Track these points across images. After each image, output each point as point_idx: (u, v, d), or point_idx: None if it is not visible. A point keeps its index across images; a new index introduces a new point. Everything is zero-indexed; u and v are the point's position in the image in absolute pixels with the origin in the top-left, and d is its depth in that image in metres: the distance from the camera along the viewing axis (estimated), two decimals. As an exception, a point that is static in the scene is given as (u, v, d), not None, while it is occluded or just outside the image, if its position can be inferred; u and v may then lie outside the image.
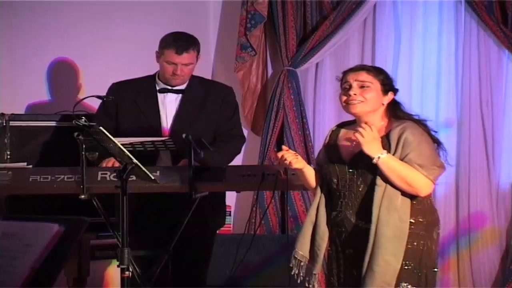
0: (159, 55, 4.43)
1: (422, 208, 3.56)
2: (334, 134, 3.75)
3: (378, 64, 5.73)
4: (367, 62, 5.89)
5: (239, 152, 4.62)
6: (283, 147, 3.75)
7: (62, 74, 5.54)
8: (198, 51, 4.46)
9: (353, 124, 3.70)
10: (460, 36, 5.80)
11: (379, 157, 3.46)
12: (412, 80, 5.84)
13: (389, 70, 5.65)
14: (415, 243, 3.52)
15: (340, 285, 3.63)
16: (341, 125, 3.78)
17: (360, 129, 3.48)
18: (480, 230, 5.76)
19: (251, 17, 6.01)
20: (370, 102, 3.58)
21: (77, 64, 5.56)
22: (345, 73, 3.68)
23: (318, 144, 5.99)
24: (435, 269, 3.61)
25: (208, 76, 5.84)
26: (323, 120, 6.08)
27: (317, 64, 6.08)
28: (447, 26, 5.84)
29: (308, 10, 6.02)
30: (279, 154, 3.66)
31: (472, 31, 5.77)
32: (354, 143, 3.58)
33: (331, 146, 3.71)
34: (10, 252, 2.68)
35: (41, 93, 5.50)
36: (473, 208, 5.77)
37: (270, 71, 6.27)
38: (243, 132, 4.66)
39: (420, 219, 3.54)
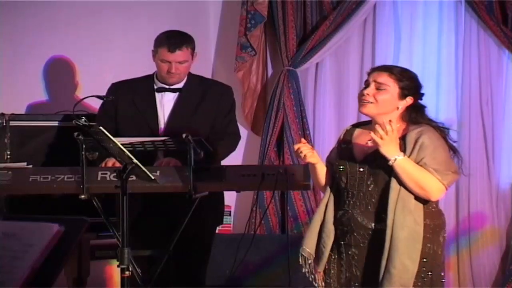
0: (154, 54, 4.44)
1: (429, 211, 3.55)
2: (348, 133, 3.73)
3: (378, 64, 5.73)
4: (367, 62, 5.90)
5: (233, 150, 4.59)
6: (302, 139, 3.71)
7: (59, 72, 5.54)
8: (193, 48, 4.45)
9: (368, 124, 3.67)
10: (460, 36, 5.80)
11: (395, 159, 3.45)
12: (412, 80, 5.83)
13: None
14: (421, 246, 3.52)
15: (341, 285, 3.62)
16: (357, 125, 3.76)
17: (379, 129, 3.44)
18: (480, 230, 5.76)
19: (251, 17, 6.01)
20: (380, 105, 3.56)
21: (73, 62, 5.56)
22: (370, 70, 3.67)
23: (318, 144, 5.99)
24: (442, 275, 3.60)
25: (208, 76, 5.83)
26: (323, 120, 6.08)
27: (317, 64, 6.08)
28: (447, 26, 5.84)
29: (308, 10, 6.02)
30: (296, 146, 3.63)
31: (472, 31, 5.77)
32: (369, 142, 3.55)
33: (345, 145, 3.70)
34: (10, 252, 2.68)
35: (40, 92, 5.50)
36: (473, 208, 5.77)
37: (270, 71, 6.27)
38: (238, 130, 4.64)
39: (427, 222, 3.53)
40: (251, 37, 6.03)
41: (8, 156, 4.87)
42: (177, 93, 4.46)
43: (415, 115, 3.60)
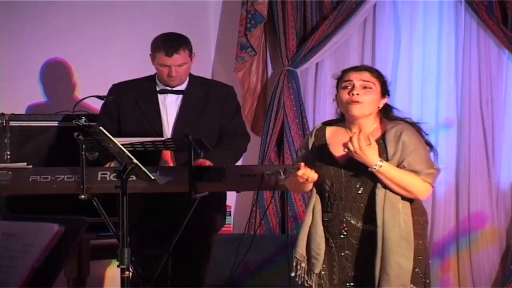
0: (152, 58, 4.43)
1: (417, 207, 3.58)
2: (320, 133, 3.68)
3: (378, 64, 5.74)
4: (367, 62, 5.89)
5: (245, 150, 4.62)
6: (301, 164, 3.52)
7: (57, 74, 5.54)
8: (190, 50, 4.44)
9: (340, 122, 3.65)
10: (460, 36, 5.80)
11: (377, 166, 3.44)
12: (412, 80, 5.84)
13: (389, 70, 5.75)
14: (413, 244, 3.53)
15: (334, 286, 3.61)
16: (327, 124, 3.72)
17: (354, 140, 3.42)
18: (480, 230, 5.76)
19: (251, 17, 6.01)
20: (369, 105, 3.54)
21: (72, 63, 5.56)
22: (346, 71, 3.62)
23: (318, 144, 5.99)
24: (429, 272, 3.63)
25: (208, 76, 5.84)
26: (323, 120, 6.05)
27: (317, 64, 6.08)
28: (447, 26, 5.83)
29: (308, 10, 6.02)
30: (300, 173, 3.47)
31: (472, 31, 5.77)
32: (345, 150, 3.51)
33: (320, 146, 3.64)
34: (10, 252, 2.69)
35: (40, 93, 5.50)
36: (473, 208, 5.77)
37: (270, 71, 6.27)
38: (247, 130, 4.67)
39: (417, 218, 3.55)
40: (251, 37, 6.03)
41: (8, 156, 4.88)
42: (180, 96, 4.46)
43: (388, 112, 3.59)
